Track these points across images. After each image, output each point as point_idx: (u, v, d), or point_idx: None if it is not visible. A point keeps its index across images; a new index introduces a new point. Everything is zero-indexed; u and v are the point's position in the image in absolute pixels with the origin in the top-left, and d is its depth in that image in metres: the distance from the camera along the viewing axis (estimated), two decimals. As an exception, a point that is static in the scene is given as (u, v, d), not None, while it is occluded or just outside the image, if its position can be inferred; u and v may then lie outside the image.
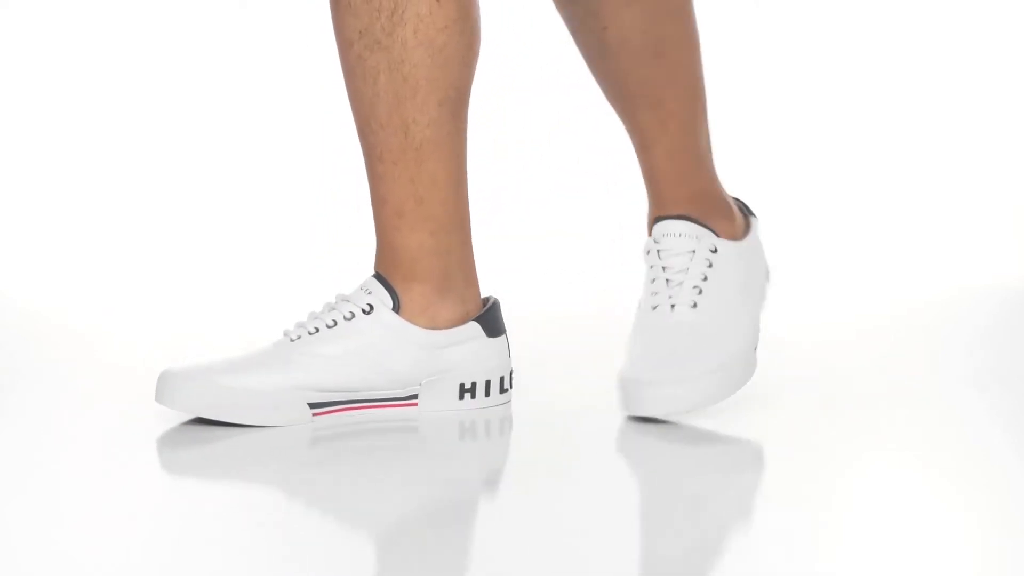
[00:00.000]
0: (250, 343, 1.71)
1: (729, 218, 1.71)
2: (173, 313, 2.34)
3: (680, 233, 1.66)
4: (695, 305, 1.63)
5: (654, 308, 1.62)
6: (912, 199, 2.92)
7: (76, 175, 2.90)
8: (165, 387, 1.61)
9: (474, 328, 1.69)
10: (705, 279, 1.64)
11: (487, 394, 1.70)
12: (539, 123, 2.83)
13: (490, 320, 1.71)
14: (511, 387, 1.72)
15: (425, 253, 1.70)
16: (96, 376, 1.89)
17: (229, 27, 3.00)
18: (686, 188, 1.69)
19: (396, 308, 1.68)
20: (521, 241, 2.71)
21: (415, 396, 1.68)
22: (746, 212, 1.74)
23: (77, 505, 1.36)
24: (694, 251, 1.65)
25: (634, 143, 1.70)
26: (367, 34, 1.68)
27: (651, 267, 1.66)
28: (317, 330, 1.66)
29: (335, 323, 1.67)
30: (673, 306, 1.63)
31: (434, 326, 1.69)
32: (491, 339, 1.71)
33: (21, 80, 2.96)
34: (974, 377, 1.90)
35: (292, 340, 1.66)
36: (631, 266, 1.81)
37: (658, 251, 1.67)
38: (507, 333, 1.73)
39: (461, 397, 1.69)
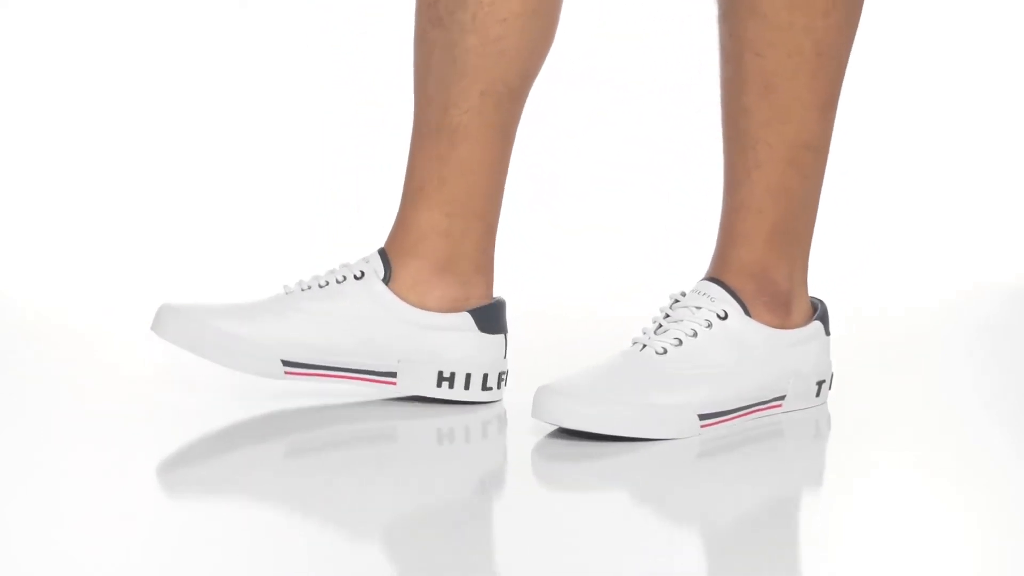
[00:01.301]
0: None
1: (779, 316, 1.63)
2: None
3: (705, 293, 1.60)
4: (664, 352, 1.57)
5: (632, 344, 1.60)
6: (911, 199, 2.92)
7: (76, 175, 2.90)
8: (160, 318, 1.66)
9: (464, 319, 1.69)
10: (694, 335, 1.58)
11: (466, 387, 1.69)
12: (575, 115, 2.82)
13: (486, 316, 1.70)
14: (500, 386, 1.71)
15: (434, 232, 1.70)
16: (96, 376, 1.89)
17: (229, 27, 3.00)
18: (746, 257, 1.62)
19: (387, 280, 1.68)
20: (553, 236, 2.71)
21: (393, 374, 1.68)
22: (820, 319, 1.66)
23: (76, 505, 1.36)
24: (700, 308, 1.59)
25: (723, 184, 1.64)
26: (433, 8, 1.68)
27: (660, 310, 1.63)
28: (309, 288, 1.69)
29: (327, 284, 1.69)
30: (644, 346, 1.58)
31: (422, 305, 1.69)
32: (483, 334, 1.70)
33: (21, 80, 2.96)
34: (974, 377, 1.90)
35: (286, 294, 1.69)
36: (666, 262, 1.81)
37: (675, 300, 1.62)
38: (507, 334, 1.72)
39: (439, 384, 1.69)
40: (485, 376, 1.69)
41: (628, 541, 1.28)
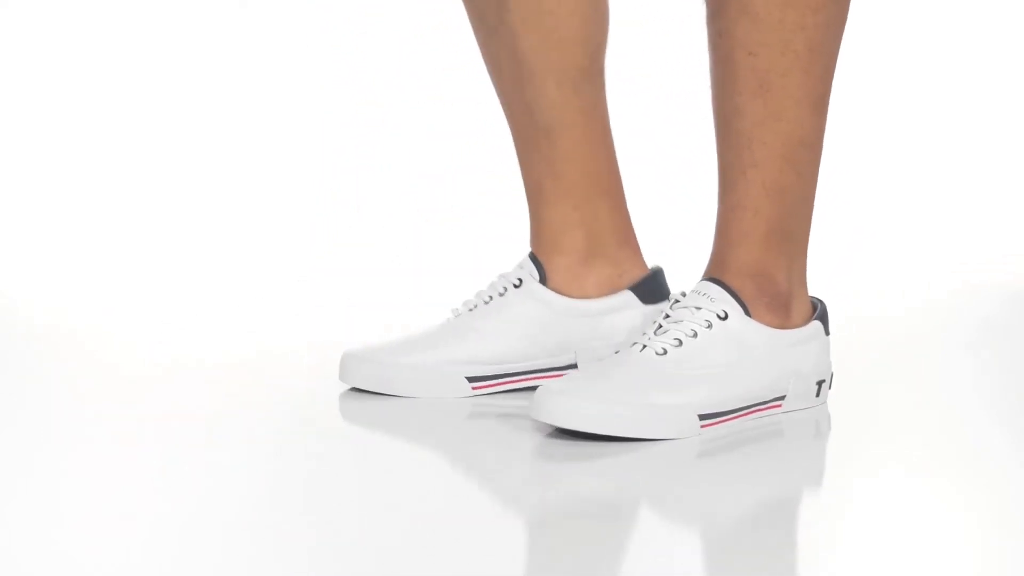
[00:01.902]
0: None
1: (779, 316, 1.63)
2: (173, 313, 2.34)
3: (705, 293, 1.60)
4: (664, 352, 1.57)
5: (631, 345, 1.60)
6: (910, 198, 2.93)
7: (76, 175, 2.90)
8: (346, 367, 1.73)
9: (626, 296, 1.74)
10: (694, 335, 1.57)
11: None
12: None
13: (646, 289, 1.74)
14: None
15: (568, 226, 1.73)
16: (96, 376, 1.89)
17: (229, 27, 3.01)
18: (744, 257, 1.61)
19: (543, 280, 1.72)
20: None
21: (574, 365, 1.74)
22: (819, 318, 1.65)
23: (77, 505, 1.36)
24: (700, 308, 1.59)
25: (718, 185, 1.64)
26: (484, 21, 1.71)
27: (659, 310, 1.63)
28: (476, 307, 1.74)
29: (491, 299, 1.74)
30: (644, 347, 1.58)
31: (584, 295, 1.73)
32: (648, 306, 1.74)
33: (21, 80, 2.97)
34: (974, 377, 1.90)
35: (456, 318, 1.75)
36: (664, 261, 1.81)
37: (675, 300, 1.62)
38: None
39: None
40: None
41: (628, 541, 1.28)
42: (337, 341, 1.80)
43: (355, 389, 1.75)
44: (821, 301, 1.68)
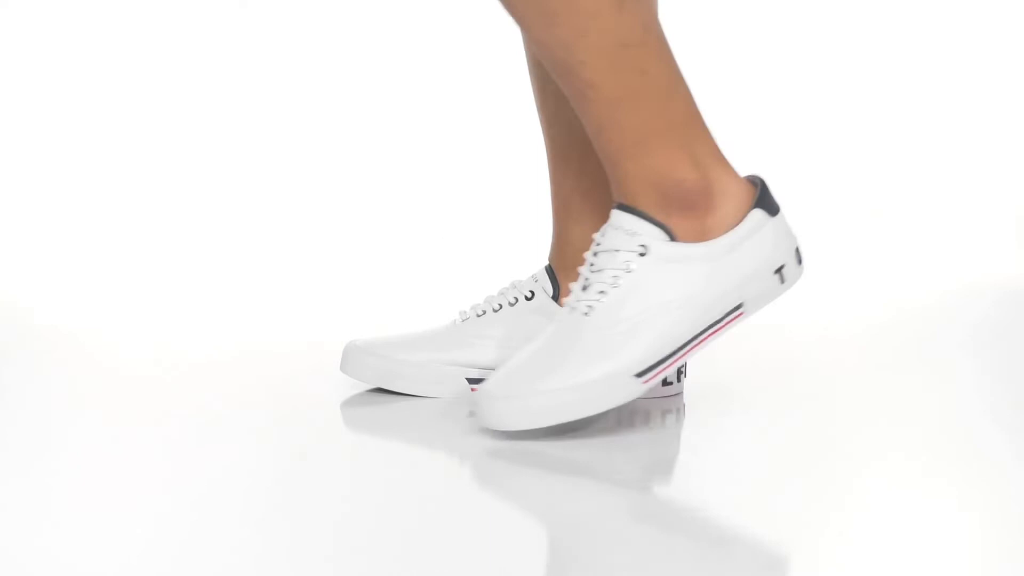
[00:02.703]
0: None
1: (700, 214, 1.54)
2: (172, 314, 2.34)
3: (618, 227, 1.53)
4: (588, 312, 1.51)
5: (564, 307, 1.56)
6: (909, 199, 2.93)
7: (76, 175, 2.90)
8: (347, 358, 1.74)
9: None
10: (615, 283, 1.51)
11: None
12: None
13: None
14: (679, 380, 1.71)
15: (589, 244, 1.71)
16: (96, 376, 1.89)
17: (229, 27, 3.01)
18: (632, 169, 1.52)
19: (556, 296, 1.72)
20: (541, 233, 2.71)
21: None
22: (759, 204, 1.55)
23: (77, 505, 1.36)
24: (618, 250, 1.52)
25: None
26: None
27: (584, 259, 1.58)
28: (485, 313, 1.74)
29: (500, 307, 1.74)
30: (572, 309, 1.53)
31: None
32: None
33: (21, 80, 2.97)
34: (974, 377, 1.90)
35: (463, 321, 1.75)
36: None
37: (596, 244, 1.55)
38: None
39: None
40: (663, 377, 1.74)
41: (627, 541, 1.28)
42: (337, 341, 1.80)
43: (355, 385, 1.75)
44: (760, 179, 1.57)
